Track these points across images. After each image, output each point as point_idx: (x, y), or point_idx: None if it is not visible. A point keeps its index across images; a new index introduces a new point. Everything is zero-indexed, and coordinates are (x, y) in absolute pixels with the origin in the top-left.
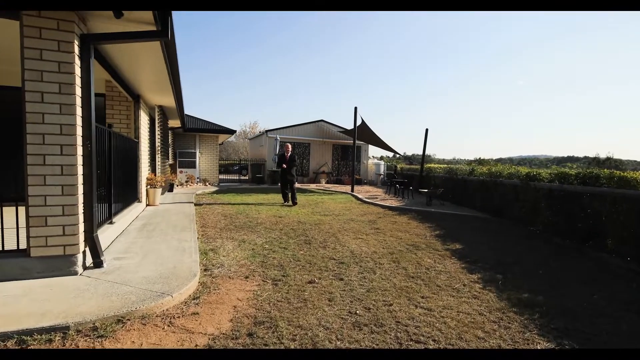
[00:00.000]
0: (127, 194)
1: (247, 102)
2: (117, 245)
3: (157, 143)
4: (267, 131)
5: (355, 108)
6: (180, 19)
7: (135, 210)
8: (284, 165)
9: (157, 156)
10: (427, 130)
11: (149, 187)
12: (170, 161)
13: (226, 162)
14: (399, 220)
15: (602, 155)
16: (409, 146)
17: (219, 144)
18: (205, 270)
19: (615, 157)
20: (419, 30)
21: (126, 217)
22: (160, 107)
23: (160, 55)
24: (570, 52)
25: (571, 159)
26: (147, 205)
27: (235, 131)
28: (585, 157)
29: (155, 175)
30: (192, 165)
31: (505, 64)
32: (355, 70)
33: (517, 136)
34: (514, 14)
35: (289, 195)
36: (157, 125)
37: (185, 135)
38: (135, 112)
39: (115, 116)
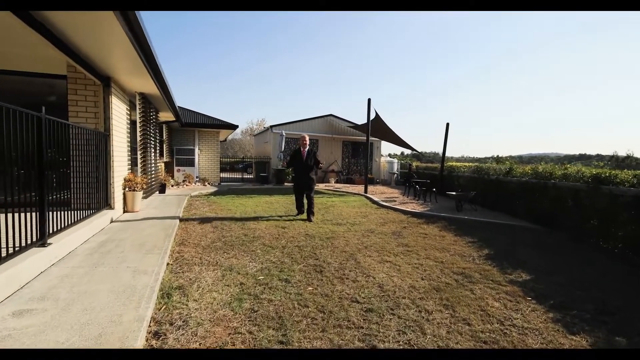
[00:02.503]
0: (89, 199)
1: (253, 100)
2: (39, 283)
3: (139, 137)
4: (272, 126)
5: (369, 100)
6: (184, 18)
7: (101, 220)
8: (309, 163)
9: (138, 153)
10: (447, 124)
11: (127, 190)
12: (166, 159)
13: (232, 159)
14: (429, 231)
15: (621, 153)
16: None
17: (222, 141)
18: (155, 335)
19: (636, 155)
20: (417, 30)
21: (81, 232)
22: (143, 95)
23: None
24: (572, 51)
25: (583, 157)
26: (124, 211)
27: (237, 126)
28: (598, 155)
29: (136, 175)
30: (191, 163)
31: (506, 63)
32: (354, 70)
33: (522, 135)
34: (514, 13)
35: (305, 206)
36: (138, 116)
37: (183, 131)
38: (105, 98)
39: (80, 103)
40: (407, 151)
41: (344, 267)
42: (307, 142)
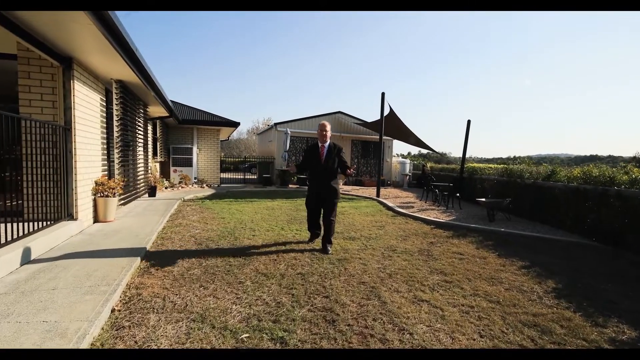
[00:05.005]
0: (40, 209)
1: (260, 100)
2: None
3: (116, 133)
4: (276, 124)
5: (383, 94)
6: (191, 17)
7: (53, 235)
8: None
9: (115, 151)
10: (469, 122)
11: (98, 195)
12: (161, 158)
13: (236, 159)
14: (464, 249)
15: (629, 154)
16: (413, 148)
17: (224, 140)
18: None
19: None
20: (420, 31)
21: (9, 257)
22: (122, 84)
23: None
24: (575, 51)
25: (594, 158)
26: (95, 221)
27: (238, 124)
28: (610, 156)
29: (112, 178)
30: (188, 163)
31: (510, 64)
32: (355, 71)
33: (529, 136)
34: (514, 13)
35: (323, 229)
36: (115, 107)
37: (180, 129)
38: (65, 83)
39: (35, 89)
40: (414, 151)
41: (365, 313)
42: (329, 134)
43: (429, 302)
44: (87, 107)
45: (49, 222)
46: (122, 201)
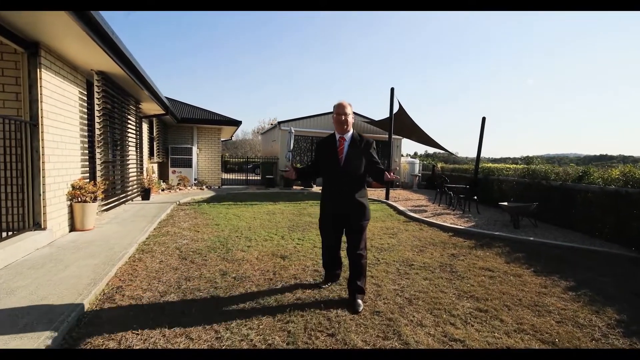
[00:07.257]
0: (3, 217)
1: (267, 100)
2: None
3: (97, 130)
4: (279, 123)
5: (392, 89)
6: (194, 18)
7: (14, 249)
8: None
9: (97, 150)
10: (484, 119)
11: (75, 201)
12: (159, 159)
13: (240, 160)
14: (492, 263)
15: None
16: (419, 147)
17: (227, 139)
18: None
19: None
20: (422, 32)
21: None
22: (104, 75)
23: None
24: (577, 52)
25: (604, 158)
26: (71, 229)
27: (240, 122)
28: (620, 155)
29: (93, 181)
30: (188, 164)
31: (513, 64)
32: (359, 72)
33: (537, 135)
34: (515, 13)
35: (349, 268)
36: (97, 101)
37: (179, 128)
38: (31, 72)
39: None
40: (420, 151)
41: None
42: (350, 119)
43: (464, 343)
44: (60, 101)
45: (10, 233)
46: (107, 206)
